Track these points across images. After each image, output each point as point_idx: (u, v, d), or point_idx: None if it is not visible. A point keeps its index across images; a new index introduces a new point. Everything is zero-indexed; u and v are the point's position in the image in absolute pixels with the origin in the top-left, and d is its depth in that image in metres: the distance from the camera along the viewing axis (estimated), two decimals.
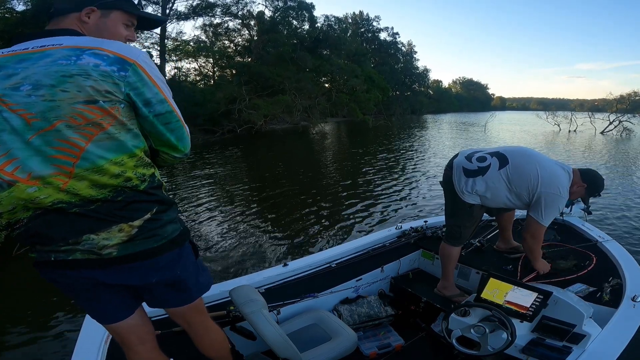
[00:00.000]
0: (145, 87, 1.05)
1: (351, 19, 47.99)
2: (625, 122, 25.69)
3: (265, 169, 10.95)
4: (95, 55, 0.99)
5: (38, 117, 0.97)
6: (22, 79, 0.97)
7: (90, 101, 0.98)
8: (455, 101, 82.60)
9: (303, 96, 23.43)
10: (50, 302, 3.59)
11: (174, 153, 1.19)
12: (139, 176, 1.09)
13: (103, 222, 1.05)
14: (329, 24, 31.92)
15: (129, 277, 1.14)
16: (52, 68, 0.97)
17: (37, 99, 0.96)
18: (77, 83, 0.96)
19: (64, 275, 1.12)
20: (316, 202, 7.18)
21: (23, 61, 0.99)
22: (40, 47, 1.00)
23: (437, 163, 11.76)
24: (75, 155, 0.99)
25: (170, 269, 1.19)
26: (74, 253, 1.06)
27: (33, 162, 0.98)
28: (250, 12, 27.58)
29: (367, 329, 2.51)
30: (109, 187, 1.04)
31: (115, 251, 1.07)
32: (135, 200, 1.08)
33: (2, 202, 1.01)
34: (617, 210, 6.70)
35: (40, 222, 1.04)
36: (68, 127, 0.98)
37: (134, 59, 1.03)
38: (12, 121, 0.97)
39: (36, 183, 0.99)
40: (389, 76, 43.32)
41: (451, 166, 2.48)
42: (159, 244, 1.13)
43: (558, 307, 1.98)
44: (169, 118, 1.12)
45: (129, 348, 1.35)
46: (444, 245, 2.59)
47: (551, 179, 2.26)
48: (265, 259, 4.67)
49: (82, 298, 1.22)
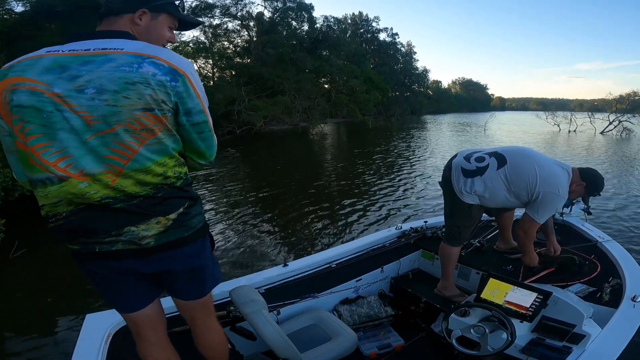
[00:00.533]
0: (189, 98, 1.12)
1: (350, 20, 47.96)
2: (625, 122, 25.70)
3: (265, 170, 10.95)
4: (154, 64, 1.05)
5: (99, 120, 1.03)
6: (87, 81, 1.01)
7: (147, 109, 1.05)
8: (454, 101, 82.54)
9: (302, 97, 23.40)
10: (50, 303, 3.60)
11: (199, 160, 1.28)
12: (176, 174, 1.18)
13: (143, 215, 1.14)
14: (329, 25, 31.93)
15: (162, 264, 1.23)
16: (115, 74, 1.01)
17: (100, 103, 1.01)
18: (138, 91, 1.03)
19: (105, 266, 1.19)
20: (316, 203, 7.18)
21: (87, 64, 1.02)
22: (101, 49, 1.05)
23: (437, 163, 11.77)
24: (127, 157, 1.07)
25: (196, 257, 1.28)
26: (116, 244, 1.14)
27: (86, 160, 1.05)
28: (249, 13, 27.60)
29: (367, 329, 2.51)
30: (151, 185, 1.13)
31: (152, 241, 1.16)
32: (172, 196, 1.18)
33: (49, 195, 1.08)
34: (617, 210, 6.71)
35: (84, 217, 1.11)
36: (126, 131, 1.05)
37: (184, 71, 1.10)
38: (73, 121, 1.02)
39: (87, 179, 1.06)
40: (388, 77, 43.28)
41: (450, 167, 2.49)
42: (189, 233, 1.23)
43: (558, 307, 1.98)
44: (203, 128, 1.20)
45: (141, 335, 1.42)
46: (444, 246, 2.59)
47: (550, 178, 2.27)
48: (265, 259, 4.67)
49: (112, 290, 1.30)
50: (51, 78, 1.02)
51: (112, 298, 1.34)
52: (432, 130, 28.10)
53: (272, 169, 11.27)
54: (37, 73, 1.02)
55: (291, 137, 20.72)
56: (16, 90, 1.02)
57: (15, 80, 1.02)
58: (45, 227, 1.17)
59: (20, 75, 1.03)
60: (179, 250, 1.22)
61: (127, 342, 1.83)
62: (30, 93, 1.01)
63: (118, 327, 1.91)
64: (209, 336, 1.52)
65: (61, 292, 3.81)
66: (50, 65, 1.03)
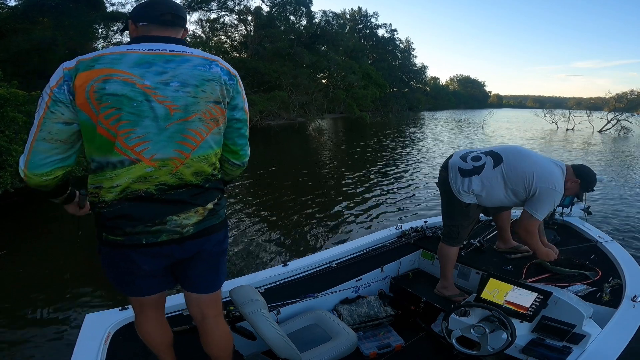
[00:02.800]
0: (238, 96, 1.34)
1: (349, 15, 47.82)
2: (623, 120, 25.71)
3: (261, 166, 10.89)
4: (217, 65, 1.27)
5: (181, 109, 1.20)
6: (172, 76, 1.19)
7: (217, 102, 1.26)
8: (452, 98, 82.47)
9: (300, 92, 23.35)
10: (50, 302, 3.57)
11: (233, 159, 1.43)
12: (217, 166, 1.37)
13: (185, 204, 1.27)
14: (327, 20, 31.85)
15: (195, 248, 1.35)
16: (194, 71, 1.21)
17: (184, 94, 1.20)
18: (212, 86, 1.24)
19: (147, 254, 1.29)
20: (315, 201, 7.16)
21: (169, 62, 1.20)
22: (176, 51, 1.22)
23: (437, 162, 11.75)
24: (196, 143, 1.24)
25: (222, 244, 1.45)
26: (161, 235, 1.26)
27: (161, 145, 1.20)
28: (247, 8, 27.41)
29: (367, 329, 2.51)
30: (204, 175, 1.30)
31: (192, 229, 1.30)
32: (214, 187, 1.35)
33: (114, 177, 1.20)
34: (617, 210, 6.73)
35: (131, 205, 1.22)
36: (200, 120, 1.23)
37: (235, 74, 1.33)
38: (158, 110, 1.17)
39: (154, 164, 1.20)
40: (386, 73, 43.24)
41: (446, 167, 2.50)
42: (219, 221, 1.40)
43: (558, 307, 1.98)
44: (243, 125, 1.39)
45: (143, 311, 1.52)
46: (442, 246, 2.60)
47: (546, 174, 2.29)
48: (265, 258, 4.65)
49: (134, 279, 1.38)
50: (141, 71, 1.16)
51: (129, 286, 1.42)
52: (430, 127, 28.08)
53: (269, 165, 11.21)
54: (127, 66, 1.15)
55: (288, 132, 20.65)
56: (109, 80, 1.13)
57: (107, 72, 1.13)
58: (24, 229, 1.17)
59: (110, 67, 1.13)
60: (210, 236, 1.37)
61: (127, 342, 1.82)
62: (124, 83, 1.14)
63: (118, 327, 1.91)
64: (217, 334, 1.56)
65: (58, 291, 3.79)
66: (138, 61, 1.17)
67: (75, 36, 14.93)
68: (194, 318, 1.56)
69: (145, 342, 1.58)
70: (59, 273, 4.14)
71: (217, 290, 1.52)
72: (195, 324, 1.57)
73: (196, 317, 1.54)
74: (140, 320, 1.54)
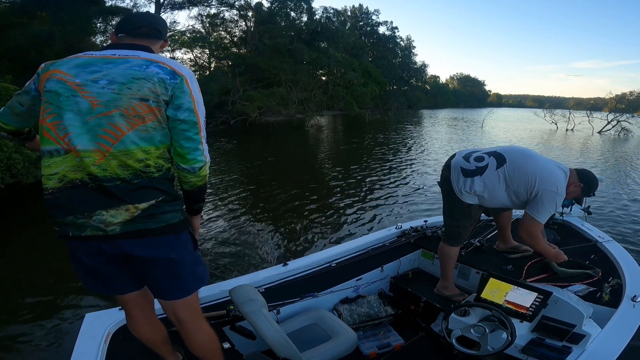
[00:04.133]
0: (183, 95, 1.30)
1: (350, 12, 47.73)
2: (623, 121, 25.61)
3: (260, 163, 10.86)
4: (159, 66, 1.29)
5: (102, 105, 1.24)
6: (103, 75, 1.25)
7: (143, 99, 1.25)
8: (452, 97, 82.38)
9: (299, 89, 23.27)
10: (49, 302, 3.56)
11: (181, 163, 1.36)
12: (157, 166, 1.31)
13: (116, 199, 1.26)
14: (328, 16, 31.74)
15: (125, 249, 1.32)
16: (127, 71, 1.26)
17: (107, 91, 1.24)
18: (140, 84, 1.25)
19: (77, 247, 1.34)
20: (314, 200, 7.13)
21: (108, 63, 1.28)
22: (124, 55, 1.30)
23: (437, 161, 11.73)
24: (116, 137, 1.24)
25: (166, 250, 1.35)
26: (85, 230, 1.27)
27: (81, 139, 1.24)
28: (248, 3, 27.29)
29: (367, 329, 2.51)
30: (131, 170, 1.27)
31: (118, 228, 1.27)
32: (147, 186, 1.29)
33: (52, 165, 1.27)
34: (616, 210, 6.73)
35: (67, 195, 1.27)
36: (121, 115, 1.24)
37: (183, 74, 1.32)
38: (81, 105, 1.24)
39: (78, 155, 1.24)
40: (386, 70, 43.21)
41: (449, 166, 2.48)
42: (158, 226, 1.31)
43: (558, 307, 1.98)
44: (189, 127, 1.32)
45: (127, 312, 1.56)
46: (443, 245, 2.59)
47: (549, 176, 2.27)
48: (265, 258, 4.64)
49: (88, 272, 1.40)
50: (77, 71, 1.26)
51: (85, 281, 1.45)
52: (430, 126, 28.00)
53: (268, 162, 11.19)
54: (68, 67, 1.27)
55: (287, 128, 20.56)
56: (50, 79, 1.27)
57: (52, 72, 1.28)
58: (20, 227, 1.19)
59: (56, 68, 1.28)
60: (144, 239, 1.31)
61: (127, 341, 1.82)
62: (58, 81, 1.26)
63: (117, 327, 1.90)
64: (198, 337, 1.55)
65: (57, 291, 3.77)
66: (80, 63, 1.28)
67: (73, 31, 14.88)
68: (172, 323, 1.54)
69: (140, 339, 1.61)
70: (58, 272, 4.12)
71: (186, 296, 1.46)
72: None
73: (173, 321, 1.53)
74: (127, 319, 1.58)
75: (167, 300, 1.46)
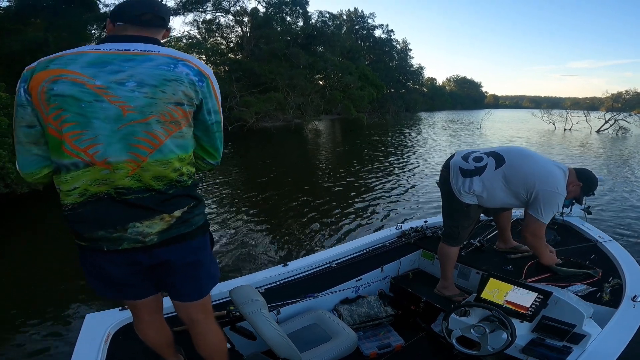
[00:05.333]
0: (211, 98, 1.25)
1: (346, 16, 47.85)
2: (621, 120, 25.71)
3: (259, 167, 10.88)
4: (186, 65, 1.18)
5: (136, 111, 1.12)
6: (128, 76, 1.12)
7: (179, 103, 1.17)
8: (449, 99, 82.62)
9: (296, 93, 23.29)
10: (49, 302, 3.55)
11: (209, 159, 1.37)
12: (189, 173, 1.28)
13: (149, 211, 1.20)
14: (323, 20, 31.73)
15: (163, 256, 1.28)
16: (155, 71, 1.14)
17: (139, 95, 1.12)
18: (173, 87, 1.15)
19: (111, 261, 1.26)
20: (314, 202, 7.14)
21: (129, 61, 1.13)
22: (141, 50, 1.16)
23: (436, 162, 11.75)
24: (153, 146, 1.16)
25: (194, 253, 1.34)
26: (122, 243, 1.21)
27: (113, 149, 1.13)
28: (243, 9, 27.32)
29: (367, 329, 2.50)
30: (166, 180, 1.21)
31: (156, 237, 1.23)
32: (181, 194, 1.26)
33: (69, 181, 1.16)
34: (616, 210, 6.74)
35: (93, 209, 1.18)
36: (157, 122, 1.15)
37: (207, 74, 1.23)
38: (109, 111, 1.11)
39: (108, 167, 1.14)
40: (383, 74, 43.30)
41: (448, 166, 2.49)
42: (192, 229, 1.30)
43: (558, 307, 1.98)
44: (218, 127, 1.32)
45: (138, 316, 1.51)
46: (443, 246, 2.59)
47: (548, 176, 2.27)
48: (265, 259, 4.64)
49: (112, 283, 1.34)
50: (94, 71, 1.11)
51: (105, 290, 1.39)
52: (428, 128, 28.09)
53: (267, 166, 11.20)
54: (79, 66, 1.11)
55: (285, 133, 20.58)
56: (58, 80, 1.10)
57: (58, 72, 1.10)
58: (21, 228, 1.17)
59: (63, 67, 1.11)
60: (181, 244, 1.29)
61: (127, 342, 1.81)
62: (72, 84, 1.10)
63: (118, 327, 1.90)
64: (209, 338, 1.54)
65: (58, 291, 3.77)
66: (93, 60, 1.12)
67: (68, 37, 14.82)
68: (184, 322, 1.53)
69: (145, 342, 1.58)
70: (59, 273, 4.13)
71: (202, 297, 1.46)
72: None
73: (185, 321, 1.52)
74: (135, 321, 1.54)
75: (184, 302, 1.44)
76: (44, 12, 14.87)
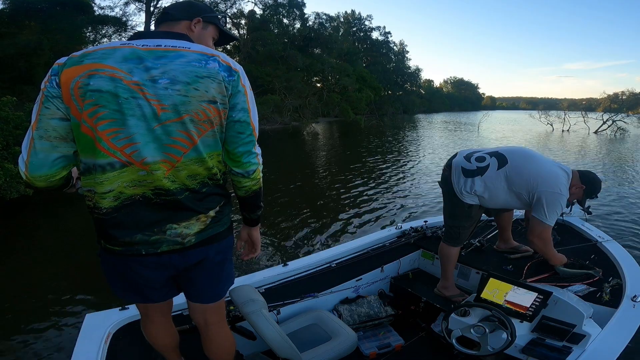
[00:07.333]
0: (239, 94, 1.19)
1: (343, 18, 47.93)
2: (618, 121, 25.80)
3: None
4: (216, 60, 1.15)
5: (169, 109, 1.10)
6: (161, 73, 1.09)
7: (212, 101, 1.13)
8: (446, 101, 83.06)
9: (293, 96, 23.30)
10: (49, 302, 3.54)
11: (235, 167, 1.26)
12: (220, 171, 1.26)
13: (185, 211, 1.19)
14: (321, 22, 31.81)
15: (200, 256, 1.27)
16: (187, 68, 1.10)
17: (173, 93, 1.09)
18: (206, 84, 1.12)
19: (146, 264, 1.23)
20: (314, 202, 7.15)
21: (161, 58, 1.10)
22: (172, 46, 1.13)
23: (435, 162, 11.79)
24: (188, 145, 1.14)
25: (225, 252, 1.35)
26: (161, 245, 1.19)
27: (149, 148, 1.11)
28: (240, 11, 27.32)
29: (367, 329, 2.50)
30: (200, 178, 1.20)
31: (194, 238, 1.23)
32: (214, 193, 1.25)
33: (105, 182, 1.12)
34: (616, 210, 6.75)
35: (128, 212, 1.15)
36: (191, 121, 1.12)
37: (237, 69, 1.20)
38: (145, 109, 1.08)
39: (145, 168, 1.12)
40: (380, 76, 43.38)
41: (450, 166, 2.47)
42: (224, 228, 1.31)
43: (558, 307, 1.98)
44: (244, 128, 1.22)
45: (149, 317, 1.49)
46: (443, 246, 2.59)
47: (551, 178, 2.25)
48: (265, 259, 4.64)
49: (139, 286, 1.31)
50: (130, 66, 1.08)
51: (130, 294, 1.36)
52: (426, 130, 28.15)
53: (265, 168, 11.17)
54: (116, 61, 1.07)
55: (282, 136, 20.58)
56: (94, 75, 1.05)
57: (94, 67, 1.06)
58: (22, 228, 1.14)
59: (98, 62, 1.07)
60: (214, 244, 1.29)
61: (127, 341, 1.81)
62: (110, 79, 1.06)
63: (118, 327, 1.90)
64: (221, 342, 1.54)
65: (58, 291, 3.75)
66: (129, 55, 1.09)
67: (62, 40, 14.80)
68: (196, 324, 1.52)
69: (150, 343, 1.57)
70: (59, 273, 4.11)
71: (220, 299, 1.46)
72: (198, 328, 1.54)
73: (199, 323, 1.50)
74: (145, 323, 1.52)
75: (202, 304, 1.43)
76: (38, 16, 14.87)
